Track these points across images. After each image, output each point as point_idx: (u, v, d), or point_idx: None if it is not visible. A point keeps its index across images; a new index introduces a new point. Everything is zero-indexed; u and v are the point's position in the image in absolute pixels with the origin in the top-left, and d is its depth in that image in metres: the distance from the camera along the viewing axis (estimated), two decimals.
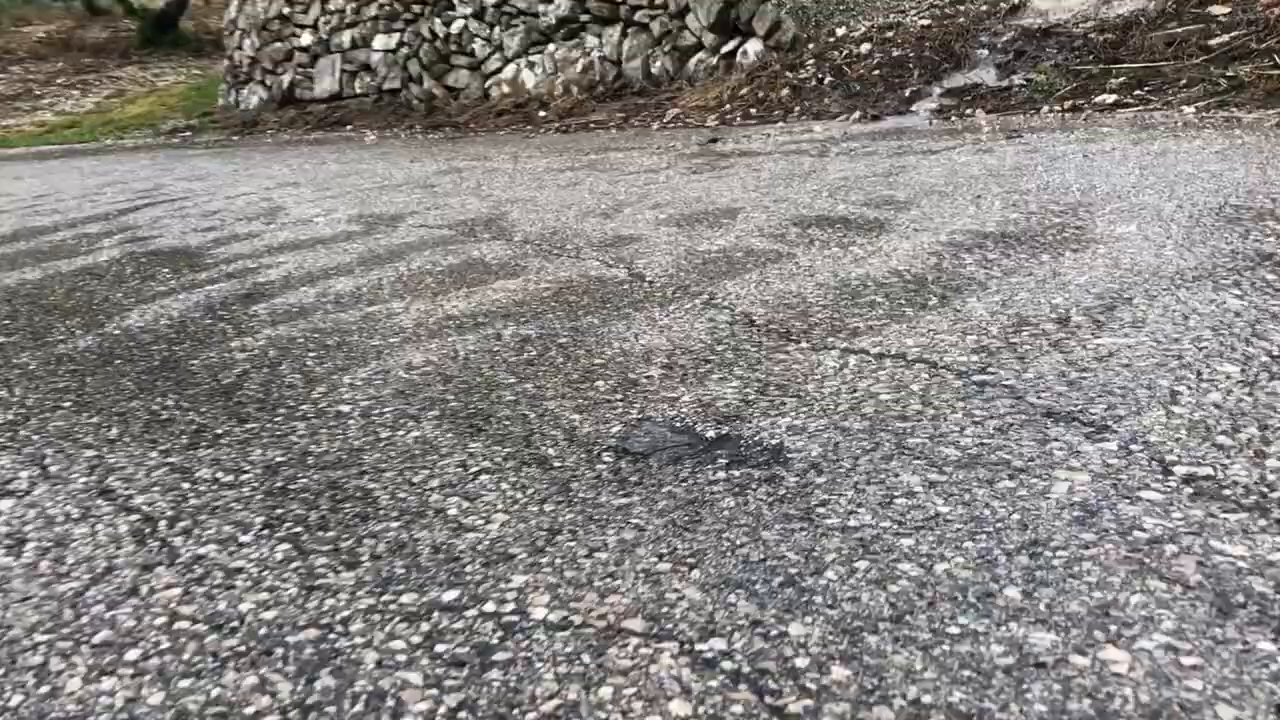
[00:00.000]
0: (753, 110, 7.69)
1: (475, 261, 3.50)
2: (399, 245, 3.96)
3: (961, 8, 7.91)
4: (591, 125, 8.77)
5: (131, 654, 1.24)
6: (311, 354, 2.55)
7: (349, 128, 11.57)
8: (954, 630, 1.13)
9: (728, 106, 7.95)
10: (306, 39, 12.86)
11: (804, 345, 2.21)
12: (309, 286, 3.36)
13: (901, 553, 1.30)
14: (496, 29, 10.59)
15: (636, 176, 5.32)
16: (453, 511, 1.56)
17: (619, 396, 2.01)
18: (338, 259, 3.80)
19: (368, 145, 9.75)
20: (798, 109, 7.40)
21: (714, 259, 3.14)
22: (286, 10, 13.20)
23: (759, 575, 1.28)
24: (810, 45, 8.09)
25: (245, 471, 1.80)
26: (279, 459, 1.85)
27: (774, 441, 1.69)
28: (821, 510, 1.43)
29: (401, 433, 1.93)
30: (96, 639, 1.28)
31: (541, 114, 9.66)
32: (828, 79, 7.62)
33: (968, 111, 6.45)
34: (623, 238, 3.66)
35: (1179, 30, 6.40)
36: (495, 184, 5.65)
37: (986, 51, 7.28)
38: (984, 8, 7.81)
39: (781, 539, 1.36)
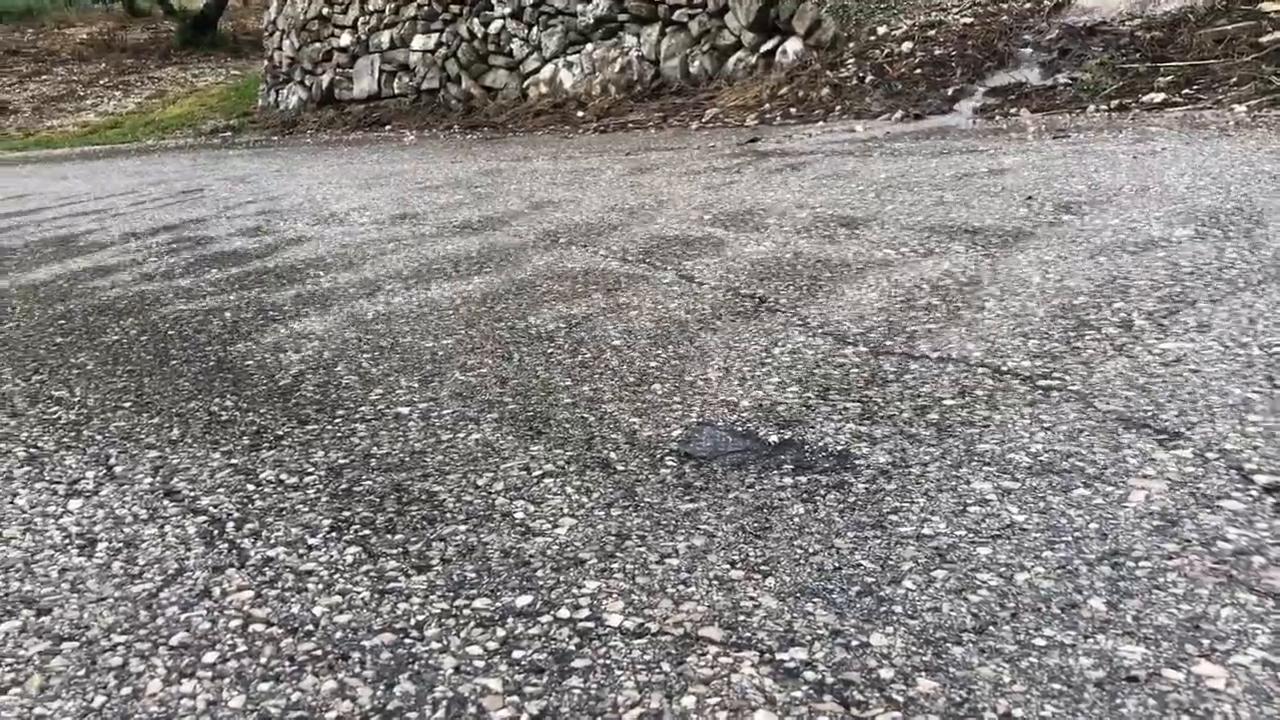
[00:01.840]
0: (793, 110, 7.65)
1: (522, 263, 3.50)
2: (443, 246, 3.97)
3: (1004, 6, 7.84)
4: (629, 125, 8.76)
5: (209, 656, 1.25)
6: (365, 355, 2.56)
7: (388, 128, 11.64)
8: (1040, 642, 1.11)
9: (767, 106, 7.92)
10: (345, 39, 12.94)
11: (861, 349, 2.19)
12: (358, 288, 3.38)
13: (979, 562, 1.28)
14: (534, 29, 10.61)
15: (678, 177, 5.31)
16: (520, 515, 1.56)
17: (676, 400, 2.00)
18: (384, 260, 3.81)
19: (407, 145, 9.80)
20: (838, 108, 7.36)
21: (762, 261, 3.12)
22: (326, 11, 13.28)
23: (835, 584, 1.27)
24: (851, 44, 8.04)
25: (309, 473, 1.81)
26: (341, 461, 1.85)
27: (839, 447, 1.68)
28: (894, 518, 1.42)
29: (462, 435, 1.93)
30: (174, 641, 1.29)
31: (579, 114, 9.67)
32: (869, 78, 7.57)
33: (1012, 111, 6.39)
34: (668, 239, 3.65)
35: (1229, 27, 6.30)
36: (536, 185, 5.65)
37: (1030, 50, 7.20)
38: (1027, 6, 7.73)
39: (855, 547, 1.35)
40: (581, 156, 7.01)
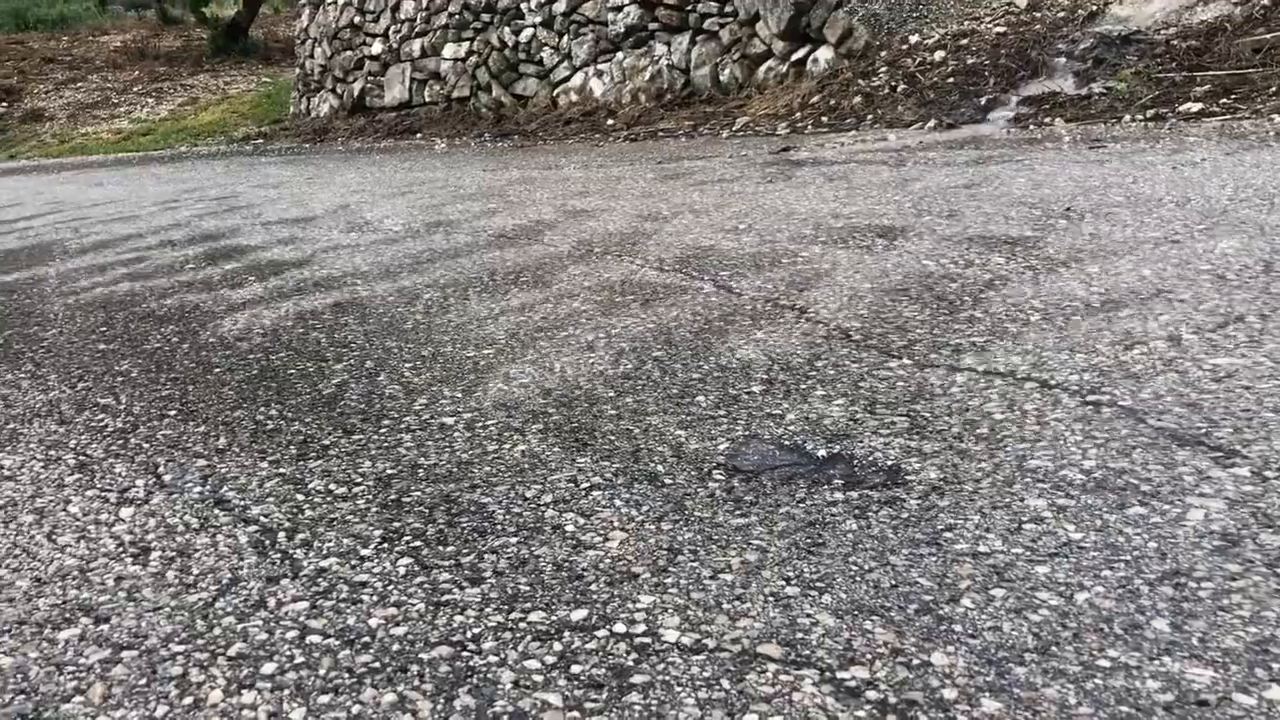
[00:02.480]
0: (824, 118, 7.64)
1: (558, 272, 3.51)
2: (480, 256, 3.99)
3: (1038, 15, 7.80)
4: (660, 133, 8.77)
5: (268, 667, 1.26)
6: (408, 364, 2.57)
7: (418, 136, 11.70)
8: (1104, 663, 1.10)
9: (798, 115, 7.91)
10: (377, 48, 13.03)
11: (905, 361, 2.18)
12: (396, 296, 3.39)
13: (1038, 580, 1.27)
14: (565, 38, 10.64)
15: (711, 186, 5.31)
16: (570, 528, 1.56)
17: (722, 413, 2.00)
18: (421, 268, 3.83)
19: (438, 153, 9.85)
20: (870, 117, 7.34)
21: (800, 271, 3.12)
22: (358, 19, 13.38)
23: (893, 601, 1.26)
24: (883, 53, 8.03)
25: (357, 484, 1.82)
26: (389, 471, 1.86)
27: (889, 462, 1.67)
28: (949, 535, 1.41)
29: (508, 446, 1.94)
30: (231, 651, 1.30)
31: (609, 122, 9.68)
32: (901, 87, 7.55)
33: (1046, 120, 6.35)
34: (703, 248, 3.65)
35: (1267, 36, 6.25)
36: (569, 193, 5.67)
37: (1064, 59, 7.16)
38: (1061, 15, 7.69)
39: (910, 564, 1.35)
40: (613, 165, 7.03)
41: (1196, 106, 5.84)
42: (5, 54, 24.25)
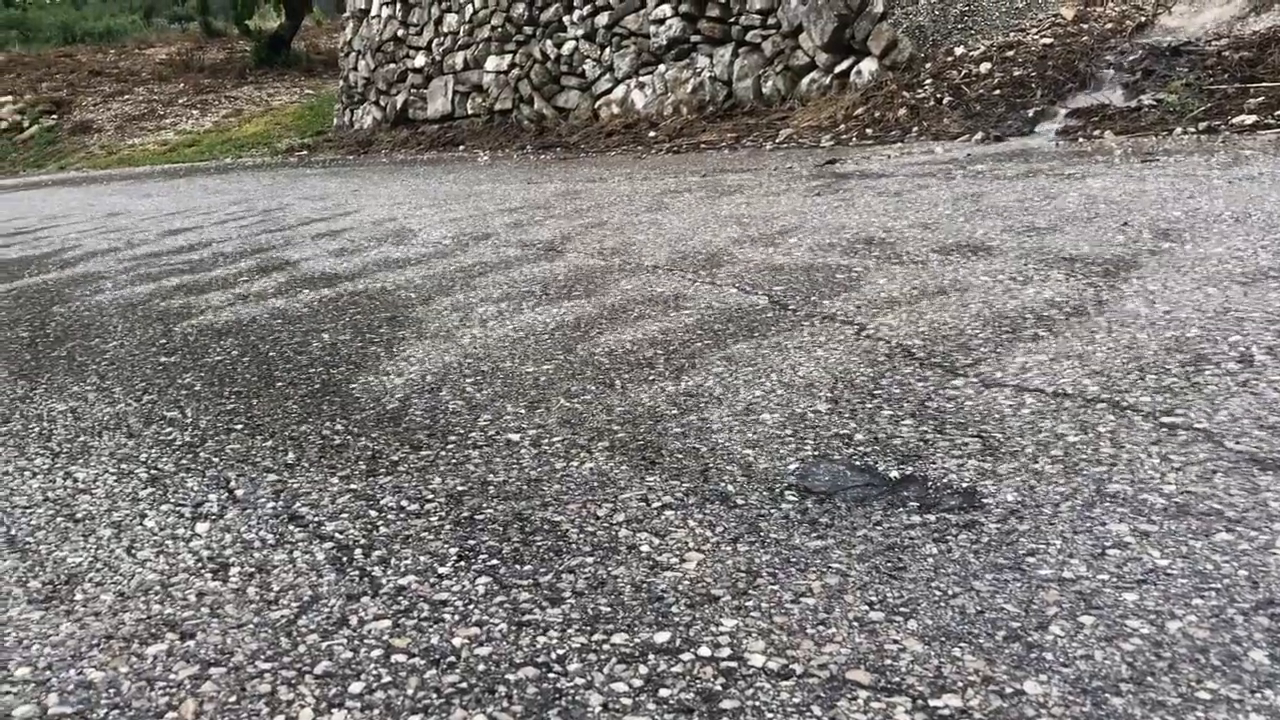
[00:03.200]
0: (869, 130, 7.62)
1: (609, 286, 3.52)
2: (530, 269, 4.01)
3: (1085, 26, 7.74)
4: (702, 145, 8.78)
5: (355, 686, 1.27)
6: (468, 380, 2.59)
7: (461, 148, 11.79)
8: (1204, 695, 1.09)
9: (842, 127, 7.89)
10: (420, 60, 13.14)
11: (972, 380, 2.17)
12: (450, 310, 3.42)
13: (1127, 608, 1.26)
14: (607, 50, 10.69)
15: (757, 199, 5.31)
16: (645, 548, 1.56)
17: (788, 431, 1.99)
18: (473, 283, 3.86)
19: (481, 166, 9.91)
20: (916, 129, 7.31)
21: (855, 285, 3.11)
22: (401, 33, 13.51)
23: (980, 628, 1.25)
24: (927, 64, 7.99)
25: (429, 500, 1.83)
26: (460, 488, 1.88)
27: (964, 484, 1.66)
28: (1031, 560, 1.40)
29: (575, 464, 1.95)
30: (318, 669, 1.31)
31: (651, 134, 9.71)
32: (946, 99, 7.52)
33: (1095, 132, 6.30)
34: (755, 262, 3.64)
35: None
36: (615, 206, 5.68)
37: (1112, 71, 7.10)
38: (1109, 26, 7.63)
39: (995, 590, 1.34)
40: (657, 177, 7.04)
41: (1250, 119, 5.77)
42: (55, 67, 24.70)
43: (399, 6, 13.52)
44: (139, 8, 27.87)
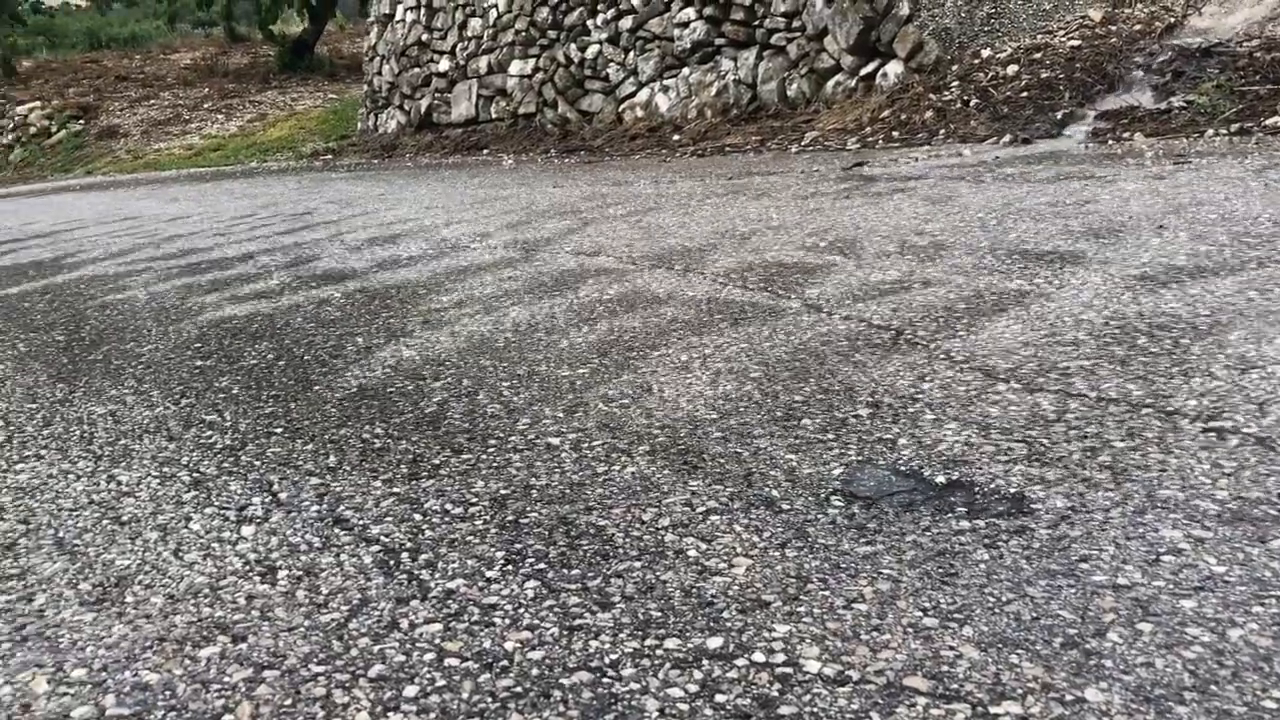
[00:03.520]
0: (895, 133, 7.59)
1: (642, 290, 3.52)
2: (560, 273, 4.01)
3: (1113, 28, 7.69)
4: (727, 149, 8.78)
5: (410, 690, 1.27)
6: (505, 384, 2.59)
7: (485, 152, 11.82)
8: (1271, 704, 1.08)
9: (868, 129, 7.87)
10: (444, 65, 13.19)
11: (1014, 385, 2.15)
12: (483, 314, 3.43)
13: (1186, 615, 1.25)
14: (631, 54, 10.70)
15: (785, 201, 5.30)
16: (692, 553, 1.56)
17: (830, 436, 1.99)
18: (504, 286, 3.87)
19: (506, 169, 9.94)
20: (942, 132, 7.29)
21: (889, 290, 3.10)
22: (425, 37, 13.56)
23: (1036, 634, 1.25)
24: (954, 67, 7.96)
25: (473, 504, 1.84)
26: (503, 491, 1.88)
27: (1012, 490, 1.66)
28: (1085, 566, 1.39)
29: (617, 468, 1.95)
30: (372, 673, 1.32)
31: (675, 137, 9.71)
32: (973, 101, 7.48)
33: (1125, 135, 6.25)
34: (786, 265, 3.64)
35: None
36: (642, 209, 5.68)
37: (1141, 73, 7.05)
38: (1137, 28, 7.57)
39: (1049, 596, 1.33)
40: (682, 180, 7.04)
41: None
42: (81, 72, 24.92)
43: (423, 11, 13.57)
44: (163, 13, 28.08)
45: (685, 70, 10.17)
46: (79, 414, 2.74)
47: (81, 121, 21.09)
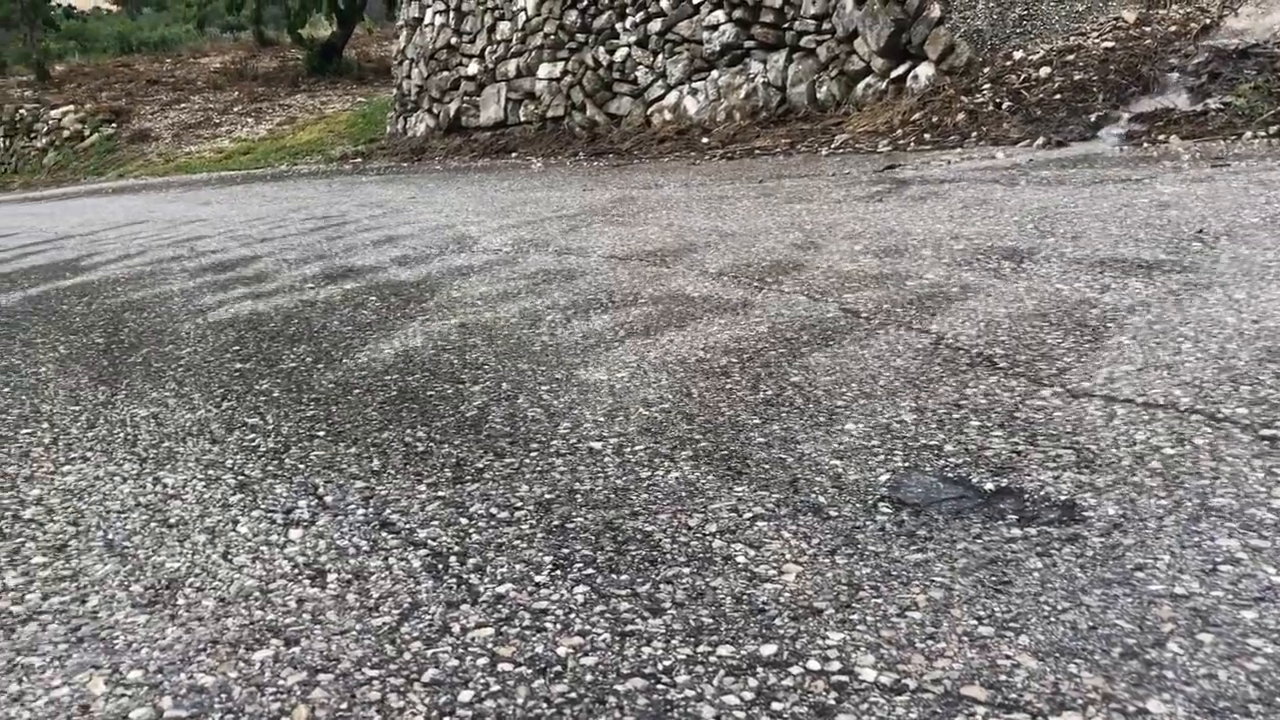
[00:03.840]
0: (926, 136, 7.56)
1: (677, 294, 3.52)
2: (595, 276, 4.02)
3: (1147, 29, 7.63)
4: (756, 151, 8.77)
5: (464, 695, 1.28)
6: (544, 387, 2.60)
7: (514, 155, 11.86)
8: None
9: (899, 132, 7.84)
10: (473, 68, 13.24)
11: (1058, 390, 2.14)
12: (519, 318, 3.43)
13: (1247, 626, 1.24)
14: (659, 57, 10.71)
15: (818, 204, 5.29)
16: (741, 560, 1.56)
17: (875, 442, 1.98)
18: (538, 289, 3.87)
19: (534, 173, 9.97)
20: (974, 134, 7.25)
21: (928, 295, 3.08)
22: (454, 40, 13.62)
23: (1094, 644, 1.24)
24: (985, 69, 7.92)
25: (518, 508, 1.84)
26: (548, 496, 1.88)
27: (1062, 497, 1.64)
28: (1140, 575, 1.38)
29: (660, 473, 1.95)
30: (426, 677, 1.32)
31: (704, 140, 9.71)
32: (1005, 103, 7.44)
33: (1160, 138, 6.20)
34: (821, 270, 3.63)
35: None
36: (673, 213, 5.68)
37: (1177, 74, 6.99)
38: (1172, 29, 7.51)
39: (1105, 605, 1.32)
40: (713, 183, 7.04)
41: None
42: (113, 76, 25.19)
43: (452, 15, 13.63)
44: (193, 17, 28.36)
45: (714, 73, 10.17)
46: (122, 416, 2.76)
47: (113, 125, 21.31)
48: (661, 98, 10.77)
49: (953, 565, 1.46)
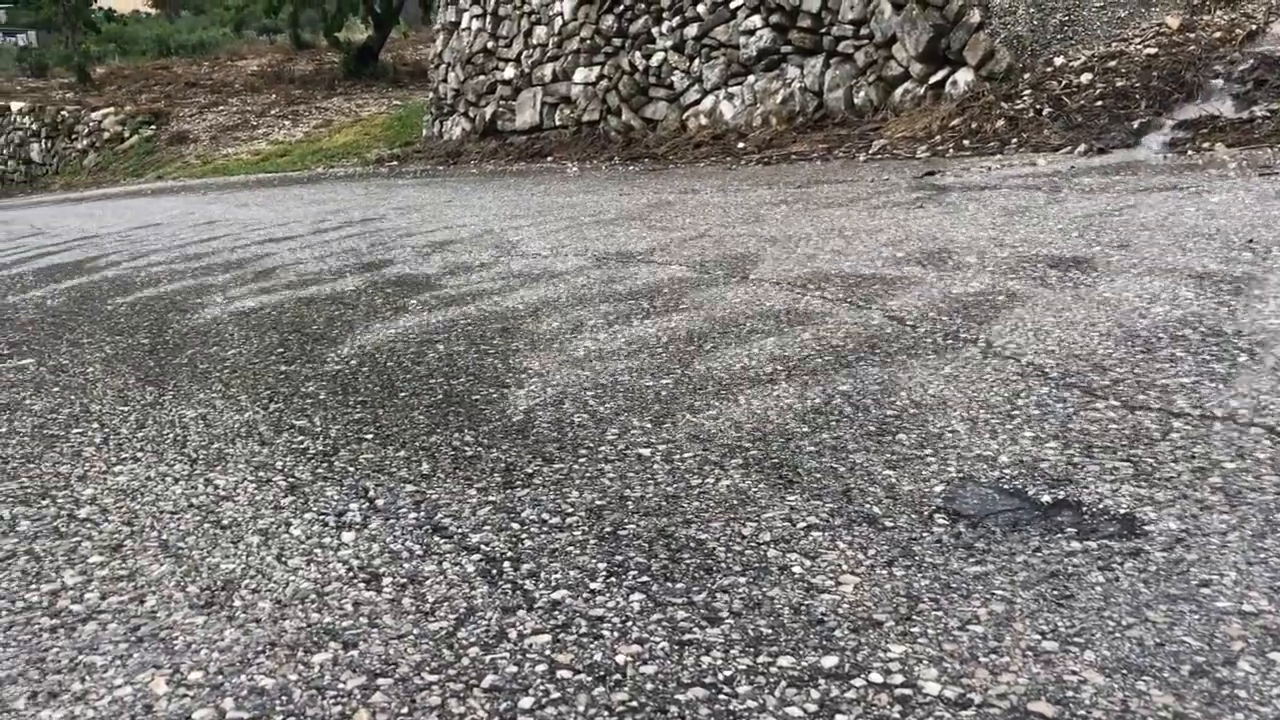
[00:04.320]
0: (965, 142, 7.51)
1: (718, 300, 3.51)
2: (634, 281, 4.02)
3: (1191, 35, 7.55)
4: (793, 157, 8.74)
5: (525, 701, 1.28)
6: (589, 393, 2.60)
7: (549, 159, 11.89)
8: None
9: (938, 138, 7.80)
10: (509, 72, 13.30)
11: (1113, 403, 2.12)
12: (560, 322, 3.44)
13: None
14: (696, 61, 10.71)
15: (858, 210, 5.27)
16: (797, 570, 1.55)
17: (928, 452, 1.97)
18: (579, 295, 3.88)
19: (570, 177, 9.99)
20: (1015, 141, 7.20)
21: (974, 303, 3.06)
22: (491, 45, 13.68)
23: (1162, 661, 1.22)
24: (1026, 75, 7.86)
25: (569, 514, 1.85)
26: (599, 502, 1.88)
27: (1122, 511, 1.63)
28: (1206, 591, 1.36)
29: (711, 480, 1.94)
30: (485, 683, 1.33)
31: (740, 145, 9.69)
32: (1046, 110, 7.38)
33: (1205, 145, 6.13)
34: (864, 276, 3.61)
35: None
36: (711, 218, 5.68)
37: (1221, 81, 6.91)
38: (1217, 35, 7.42)
39: (1172, 621, 1.30)
40: (750, 189, 7.02)
41: None
42: (152, 79, 25.49)
43: (489, 19, 13.70)
44: (230, 20, 28.63)
45: (750, 78, 10.15)
46: (170, 417, 2.79)
47: (152, 127, 21.56)
48: (697, 102, 10.76)
49: (1012, 579, 1.45)
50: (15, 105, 23.63)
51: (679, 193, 7.30)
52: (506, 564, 1.67)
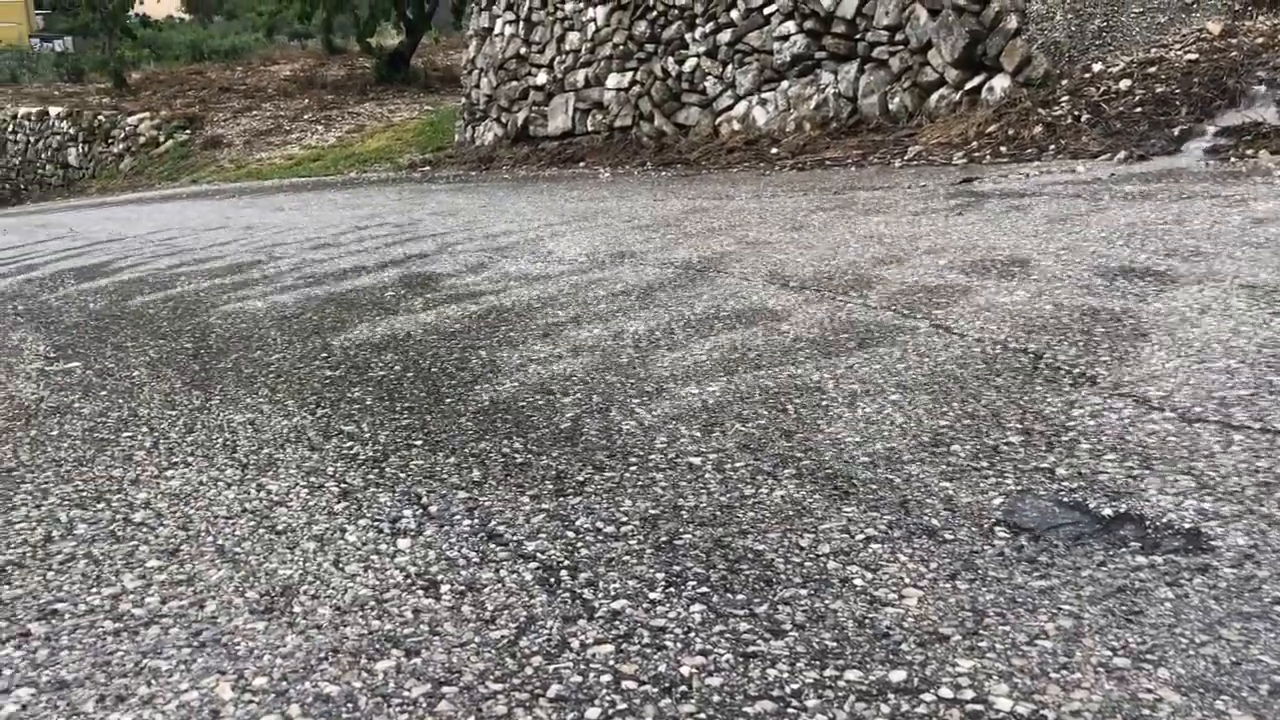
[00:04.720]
0: (1002, 149, 7.46)
1: (760, 308, 3.50)
2: (673, 289, 4.01)
3: (1233, 41, 7.47)
4: (827, 162, 8.71)
5: (591, 712, 1.28)
6: (635, 400, 2.60)
7: (581, 164, 11.91)
8: None
9: (974, 144, 7.75)
10: (542, 78, 13.33)
11: (1169, 414, 2.09)
12: (601, 328, 3.44)
13: None
14: (729, 67, 10.69)
15: (895, 217, 5.24)
16: (859, 582, 1.54)
17: (984, 464, 1.95)
18: (618, 301, 3.88)
19: (603, 182, 10.00)
20: (1053, 148, 7.14)
21: (1022, 312, 3.03)
22: (524, 50, 13.72)
23: (1239, 680, 1.21)
24: (1063, 81, 7.80)
25: (624, 523, 1.84)
26: (653, 511, 1.88)
27: (1186, 525, 1.61)
28: None
29: (765, 490, 1.94)
30: (550, 693, 1.33)
31: (773, 151, 9.67)
32: (1084, 116, 7.32)
33: (1248, 152, 6.06)
34: (907, 284, 3.59)
35: None
36: (747, 224, 5.67)
37: (1265, 87, 6.83)
38: (1259, 41, 7.34)
39: (1247, 639, 1.28)
40: (785, 195, 7.01)
41: None
42: (186, 84, 25.74)
43: (522, 25, 13.74)
44: (263, 26, 28.87)
45: (784, 84, 10.13)
46: (218, 421, 2.81)
47: (187, 131, 21.76)
48: (730, 108, 10.75)
49: (1079, 593, 1.43)
50: (53, 110, 23.92)
51: (713, 199, 7.29)
52: (564, 572, 1.67)
